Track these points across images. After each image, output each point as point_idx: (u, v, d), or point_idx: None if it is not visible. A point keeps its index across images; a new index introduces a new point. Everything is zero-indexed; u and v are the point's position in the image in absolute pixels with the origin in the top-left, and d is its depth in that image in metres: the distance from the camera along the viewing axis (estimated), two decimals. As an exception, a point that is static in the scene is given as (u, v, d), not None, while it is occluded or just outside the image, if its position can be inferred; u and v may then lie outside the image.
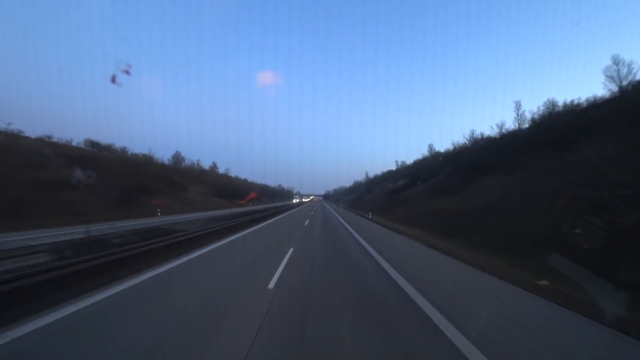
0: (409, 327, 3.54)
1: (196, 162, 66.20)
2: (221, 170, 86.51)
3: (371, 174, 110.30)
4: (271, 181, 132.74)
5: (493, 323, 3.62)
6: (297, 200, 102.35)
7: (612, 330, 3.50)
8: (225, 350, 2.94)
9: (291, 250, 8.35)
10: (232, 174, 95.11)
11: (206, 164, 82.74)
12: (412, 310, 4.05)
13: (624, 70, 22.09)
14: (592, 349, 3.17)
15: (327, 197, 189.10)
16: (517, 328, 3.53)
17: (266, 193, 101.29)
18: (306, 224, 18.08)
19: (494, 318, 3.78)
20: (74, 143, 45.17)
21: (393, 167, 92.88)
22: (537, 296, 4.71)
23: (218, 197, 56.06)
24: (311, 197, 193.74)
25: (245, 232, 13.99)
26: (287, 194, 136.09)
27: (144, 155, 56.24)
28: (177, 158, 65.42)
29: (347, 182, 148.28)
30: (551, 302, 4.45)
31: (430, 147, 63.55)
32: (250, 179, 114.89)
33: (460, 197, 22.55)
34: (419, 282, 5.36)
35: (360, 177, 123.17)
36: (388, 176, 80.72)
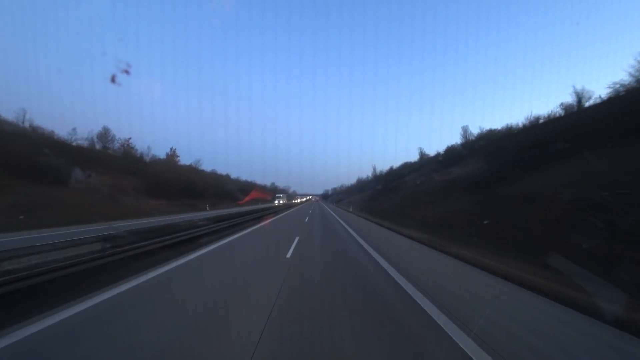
0: None
1: (125, 142, 44.03)
2: (186, 162, 64.72)
3: (375, 171, 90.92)
4: (262, 179, 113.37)
5: None
6: (281, 202, 76.49)
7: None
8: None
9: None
10: (210, 168, 74.09)
11: (187, 159, 62.73)
12: None
13: None
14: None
15: (325, 196, 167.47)
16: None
17: (246, 192, 79.32)
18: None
19: None
20: None
21: (408, 160, 72.75)
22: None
23: (150, 196, 34.18)
24: (308, 197, 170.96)
25: None
26: (280, 194, 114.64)
27: (32, 128, 34.28)
28: (104, 137, 43.32)
29: (347, 182, 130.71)
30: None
31: (465, 130, 42.62)
32: (235, 176, 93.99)
33: None
34: None
35: (363, 174, 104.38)
36: (414, 167, 59.24)
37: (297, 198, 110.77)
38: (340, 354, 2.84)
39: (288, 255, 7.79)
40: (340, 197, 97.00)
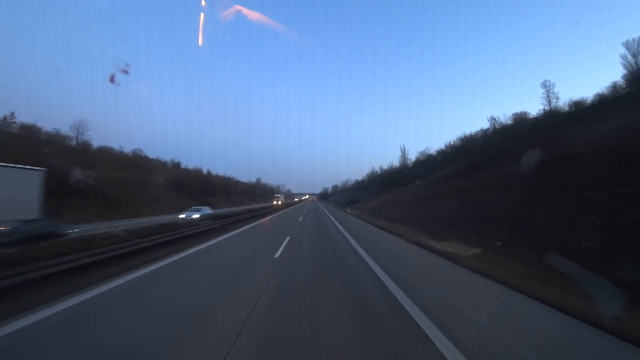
0: None
1: None
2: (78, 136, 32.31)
3: (378, 166, 62.78)
4: (259, 177, 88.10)
5: None
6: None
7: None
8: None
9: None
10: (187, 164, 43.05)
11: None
12: None
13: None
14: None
15: (324, 196, 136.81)
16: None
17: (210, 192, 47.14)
18: None
19: None
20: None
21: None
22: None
23: None
24: (304, 197, 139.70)
25: None
26: (272, 194, 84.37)
27: None
28: None
29: (349, 178, 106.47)
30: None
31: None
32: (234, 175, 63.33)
33: None
34: None
35: (363, 171, 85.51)
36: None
37: (279, 198, 71.15)
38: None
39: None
40: (355, 196, 63.80)
